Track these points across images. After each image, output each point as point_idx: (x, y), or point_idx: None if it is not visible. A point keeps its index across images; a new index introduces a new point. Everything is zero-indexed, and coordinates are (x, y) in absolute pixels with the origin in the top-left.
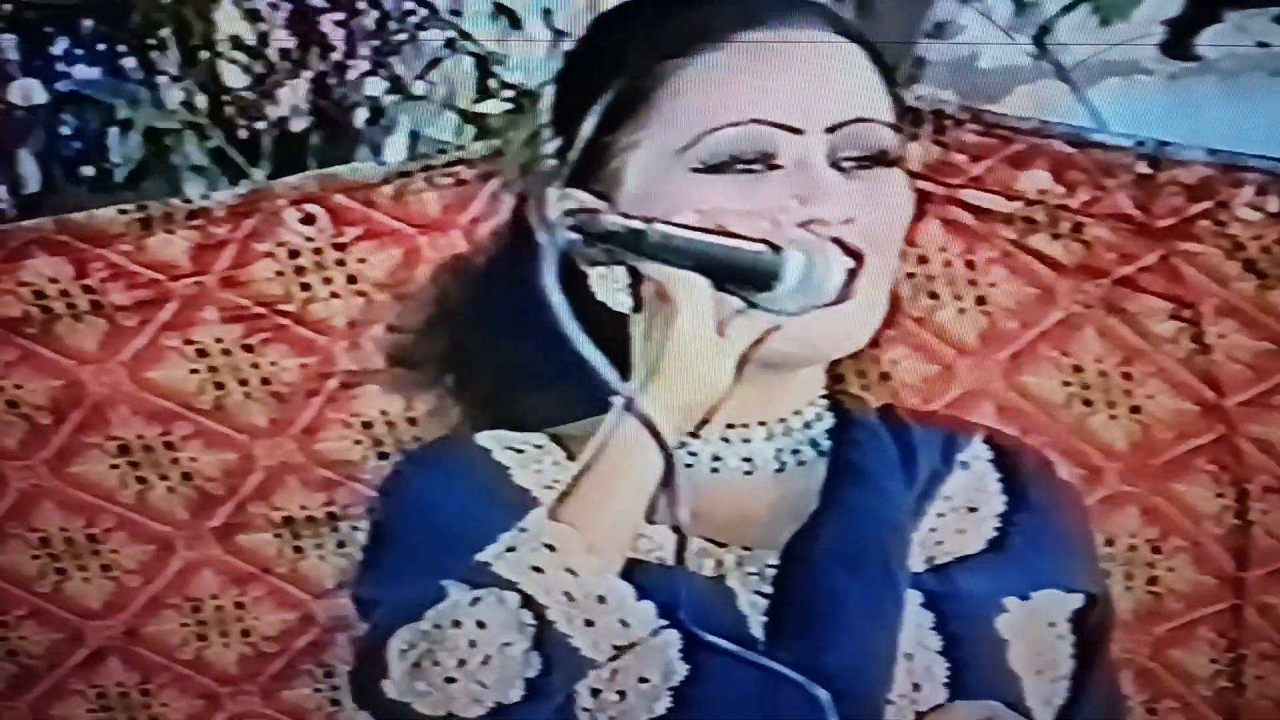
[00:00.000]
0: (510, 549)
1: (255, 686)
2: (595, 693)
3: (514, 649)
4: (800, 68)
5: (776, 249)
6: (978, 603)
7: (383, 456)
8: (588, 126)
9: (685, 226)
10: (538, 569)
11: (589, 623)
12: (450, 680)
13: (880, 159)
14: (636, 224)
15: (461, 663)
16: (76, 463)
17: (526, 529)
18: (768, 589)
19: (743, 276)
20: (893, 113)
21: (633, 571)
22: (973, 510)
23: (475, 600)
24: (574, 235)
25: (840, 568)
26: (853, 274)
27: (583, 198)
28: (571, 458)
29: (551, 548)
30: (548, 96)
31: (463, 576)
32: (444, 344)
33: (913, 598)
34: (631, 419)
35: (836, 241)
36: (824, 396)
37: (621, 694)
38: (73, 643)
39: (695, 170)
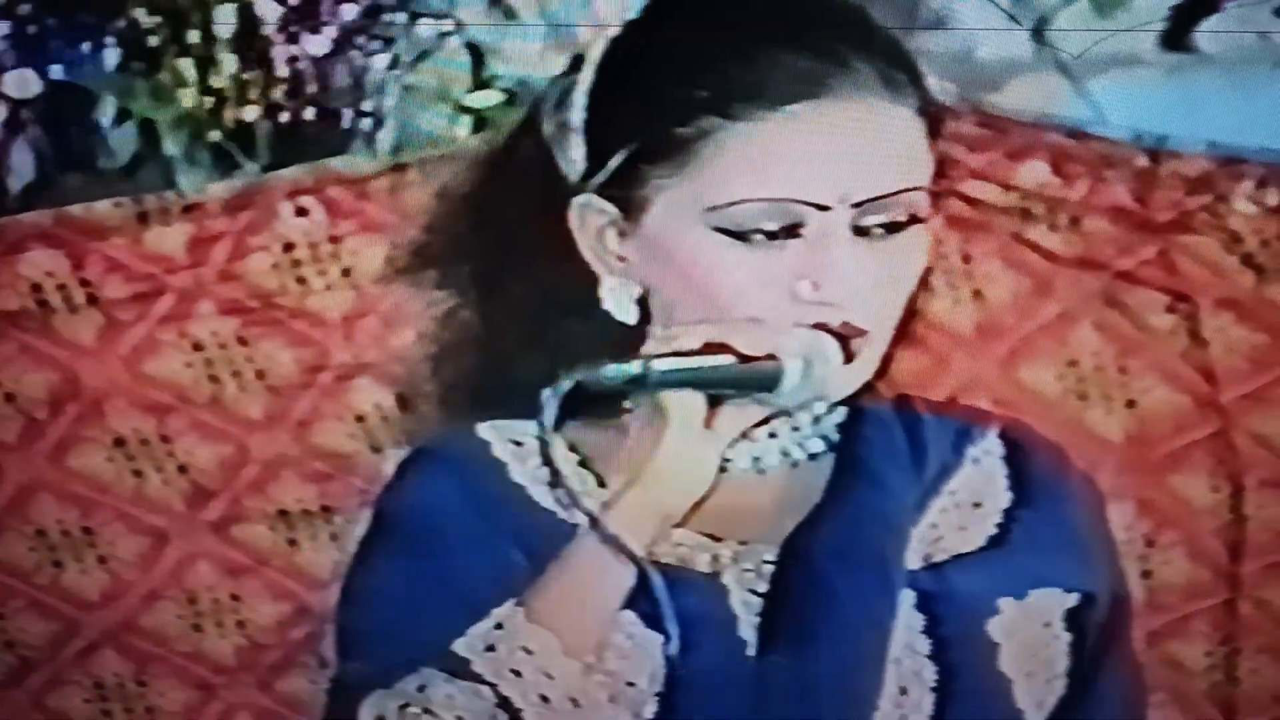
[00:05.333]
0: (490, 648)
1: (251, 678)
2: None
3: None
4: (843, 145)
5: (773, 359)
6: (971, 604)
7: (376, 450)
8: (618, 156)
9: (682, 354)
10: (516, 672)
11: None
12: None
13: (909, 220)
14: (634, 368)
15: None
16: (73, 455)
17: (504, 627)
18: (762, 587)
19: (744, 386)
20: (929, 170)
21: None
22: (977, 506)
23: (451, 695)
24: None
25: (837, 568)
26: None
27: (603, 206)
28: (573, 449)
29: (529, 651)
30: (586, 81)
31: (440, 665)
32: (470, 243)
33: (906, 598)
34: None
35: (845, 324)
36: None
37: (612, 698)
38: (70, 634)
39: (718, 230)
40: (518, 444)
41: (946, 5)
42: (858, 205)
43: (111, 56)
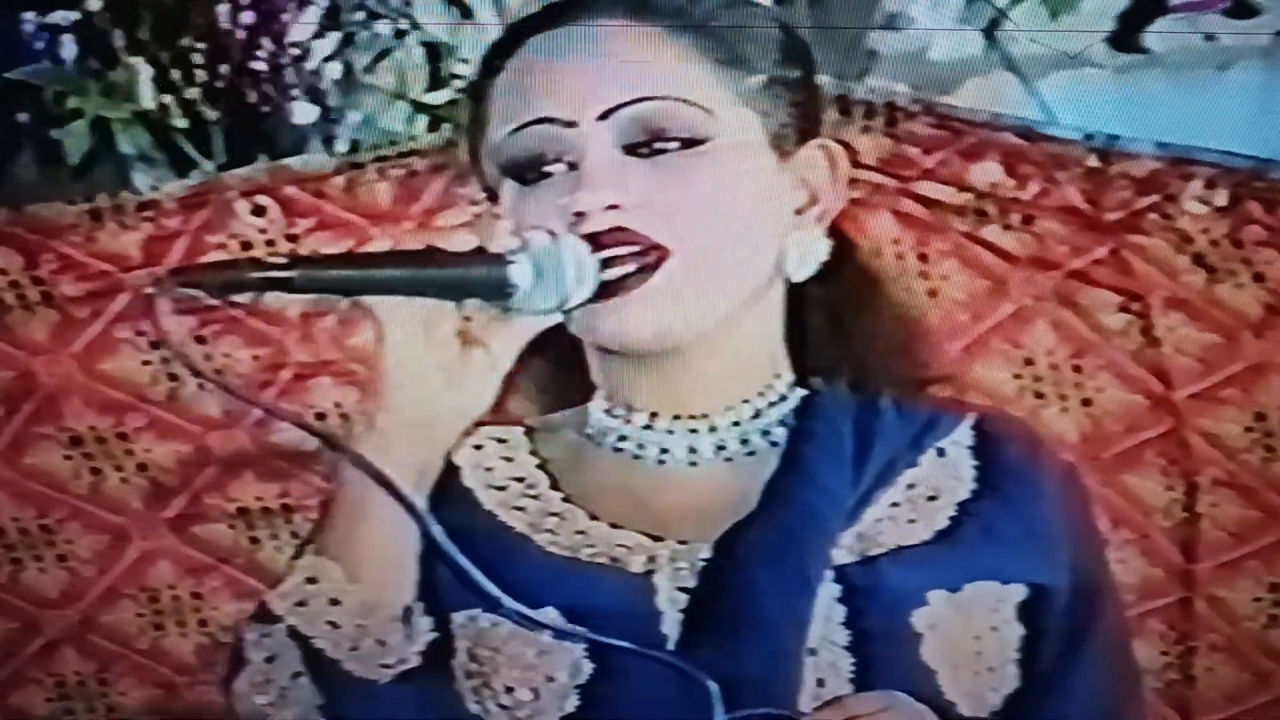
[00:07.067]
0: (284, 592)
1: (213, 676)
2: (509, 690)
3: (302, 679)
4: (576, 62)
5: (498, 259)
6: (898, 597)
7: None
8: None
9: (361, 256)
10: (302, 603)
11: (354, 648)
12: (271, 705)
13: (685, 140)
14: (279, 273)
15: (262, 693)
16: (30, 454)
17: (295, 565)
18: (692, 584)
19: (470, 291)
20: (699, 88)
21: (533, 565)
22: (932, 499)
23: (262, 636)
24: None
25: (761, 565)
26: (657, 261)
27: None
28: (535, 452)
29: (313, 580)
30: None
31: (253, 615)
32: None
33: (829, 591)
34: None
35: (619, 229)
36: (798, 382)
37: (534, 692)
38: (29, 632)
39: (505, 175)
40: (477, 448)
41: (901, 6)
42: (603, 118)
43: (65, 55)
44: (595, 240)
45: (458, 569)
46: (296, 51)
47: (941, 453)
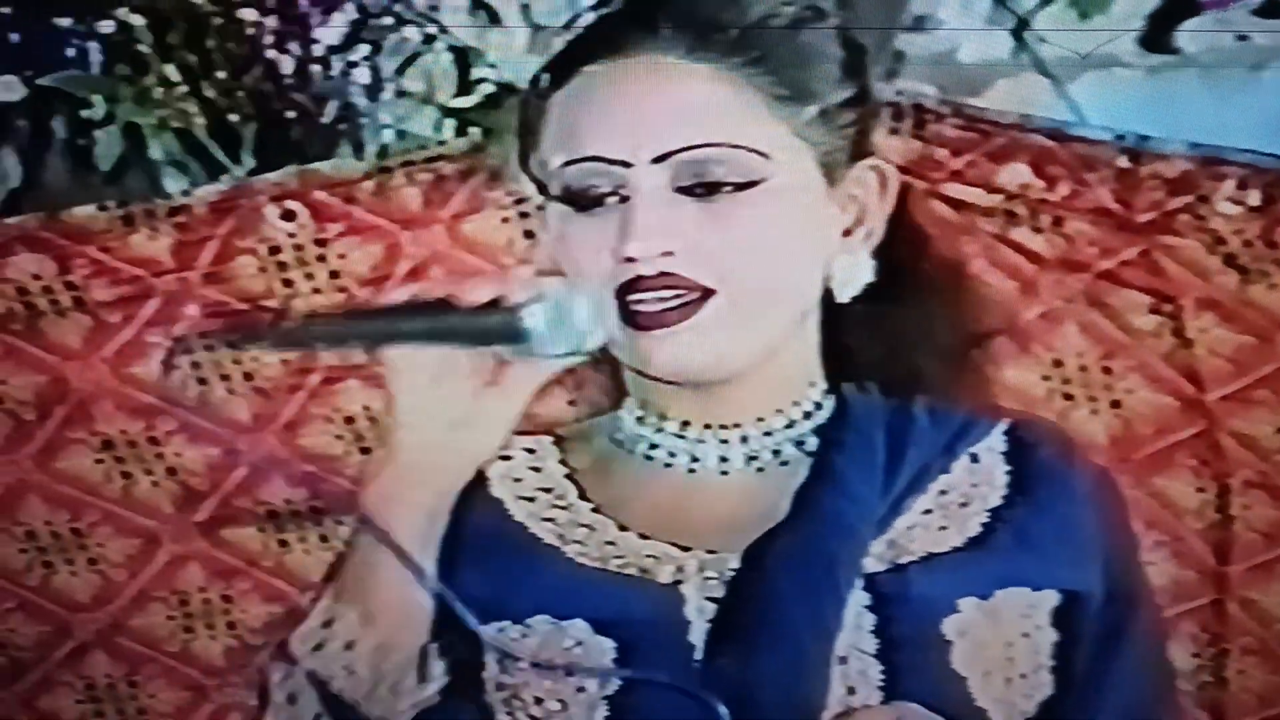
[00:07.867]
0: (304, 636)
1: (242, 678)
2: (539, 701)
3: None
4: (630, 101)
5: (511, 308)
6: (928, 604)
7: (365, 451)
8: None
9: (376, 309)
10: (318, 646)
11: (371, 691)
12: None
13: (739, 184)
14: (295, 328)
15: None
16: (61, 458)
17: (314, 609)
18: (720, 594)
19: (485, 339)
20: (759, 130)
21: (562, 576)
22: (964, 505)
23: (285, 677)
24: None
25: (788, 574)
26: (701, 300)
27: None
28: (564, 462)
29: (329, 624)
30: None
31: (274, 655)
32: None
33: (859, 599)
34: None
35: (666, 275)
36: (830, 390)
37: (563, 703)
38: (60, 635)
39: (557, 200)
40: (505, 459)
41: (929, 7)
42: (658, 160)
43: (96, 61)
44: (642, 284)
45: (462, 624)
46: (325, 57)
47: (975, 458)
